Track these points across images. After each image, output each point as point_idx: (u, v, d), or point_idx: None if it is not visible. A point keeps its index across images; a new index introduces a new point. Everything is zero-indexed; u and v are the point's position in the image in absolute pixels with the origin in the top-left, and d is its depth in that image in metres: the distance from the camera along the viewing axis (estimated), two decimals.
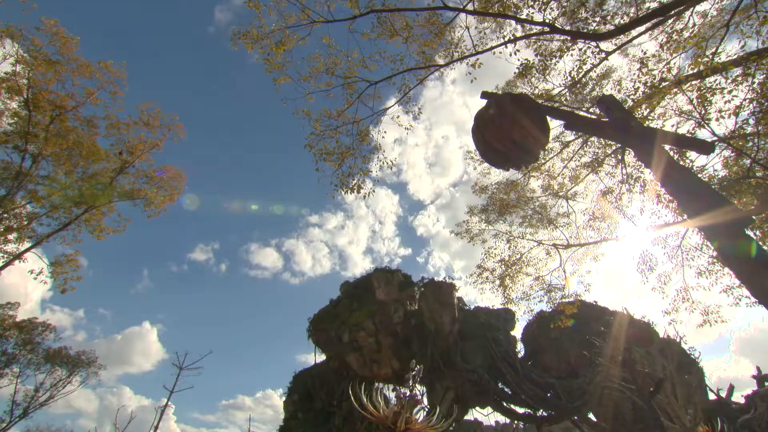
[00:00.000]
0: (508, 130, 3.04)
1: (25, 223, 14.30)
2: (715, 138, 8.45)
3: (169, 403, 27.86)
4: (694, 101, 8.32)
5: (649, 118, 9.41)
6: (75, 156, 14.15)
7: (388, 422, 8.01)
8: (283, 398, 35.14)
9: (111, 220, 16.24)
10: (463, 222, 14.05)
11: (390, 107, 7.95)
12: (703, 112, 8.25)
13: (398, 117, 8.35)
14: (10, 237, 13.93)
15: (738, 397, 22.52)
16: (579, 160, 12.90)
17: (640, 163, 11.83)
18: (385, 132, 8.22)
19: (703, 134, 13.31)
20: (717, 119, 8.04)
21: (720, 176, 9.33)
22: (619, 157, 11.79)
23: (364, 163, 7.54)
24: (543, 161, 13.48)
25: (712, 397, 24.37)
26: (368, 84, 8.01)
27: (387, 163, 7.62)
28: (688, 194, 2.96)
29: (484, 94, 3.80)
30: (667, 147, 3.76)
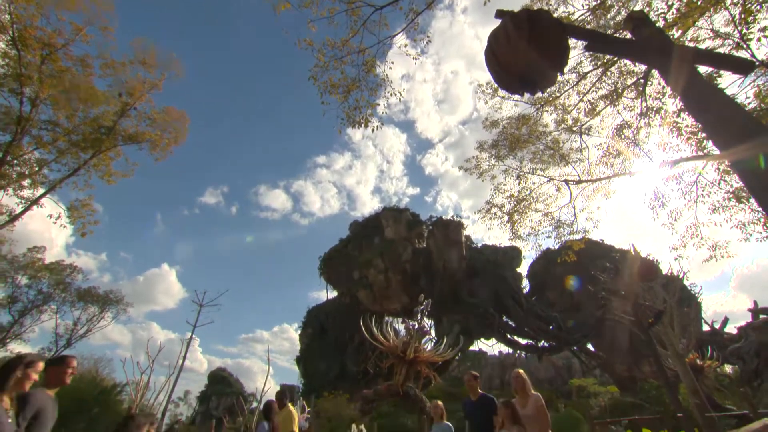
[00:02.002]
0: (525, 49, 2.76)
1: (36, 169, 14.43)
2: (755, 61, 7.74)
3: (193, 336, 30.16)
4: (736, 18, 7.49)
5: (681, 41, 8.60)
6: (73, 99, 13.79)
7: (397, 351, 8.52)
8: (299, 332, 37.85)
9: (119, 164, 16.31)
10: (473, 158, 13.68)
11: (396, 34, 7.34)
12: (744, 30, 7.46)
13: (405, 46, 7.75)
14: (25, 183, 14.15)
15: (732, 330, 23.53)
16: (596, 93, 12.14)
17: (662, 93, 11.12)
18: (392, 63, 7.70)
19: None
20: (759, 39, 7.28)
21: (750, 107, 8.73)
22: (640, 89, 11.05)
23: (371, 96, 7.16)
24: (558, 94, 12.74)
25: (706, 329, 25.48)
26: (373, 9, 7.33)
27: (394, 94, 7.22)
28: (721, 121, 2.70)
29: (499, 13, 3.42)
30: (700, 69, 3.42)
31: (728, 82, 9.71)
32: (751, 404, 7.37)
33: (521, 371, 5.01)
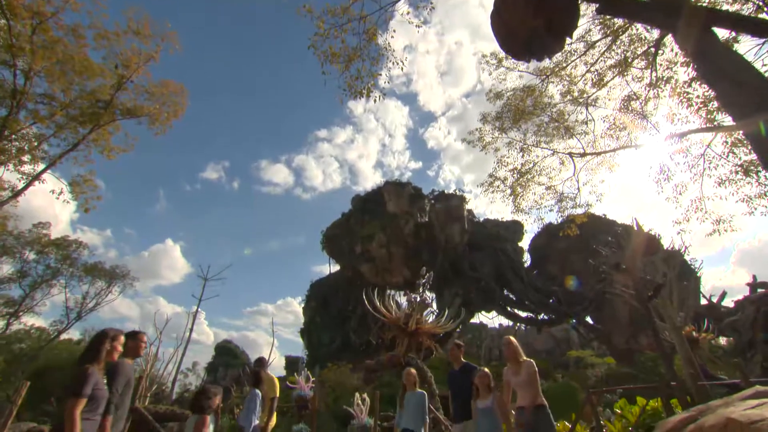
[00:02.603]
0: (532, 12, 2.62)
1: (35, 144, 14.30)
2: None
3: (199, 309, 30.92)
4: None
5: (699, 3, 8.21)
6: (68, 71, 13.46)
7: (399, 323, 8.69)
8: (302, 305, 38.60)
9: (118, 138, 16.10)
10: (476, 130, 13.42)
11: (399, 0, 7.02)
12: None
13: (408, 14, 7.44)
14: (25, 159, 14.06)
15: (729, 303, 23.83)
16: (604, 62, 11.76)
17: (674, 62, 10.76)
18: (394, 31, 7.42)
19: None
20: None
21: None
22: (651, 58, 10.68)
23: (372, 66, 6.94)
24: (564, 64, 12.36)
25: (704, 302, 25.84)
26: None
27: (396, 63, 7.00)
28: (737, 88, 2.56)
29: None
30: (719, 34, 3.24)
31: (745, 48, 9.35)
32: (744, 374, 7.53)
33: (512, 338, 4.92)
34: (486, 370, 4.69)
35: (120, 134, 16.06)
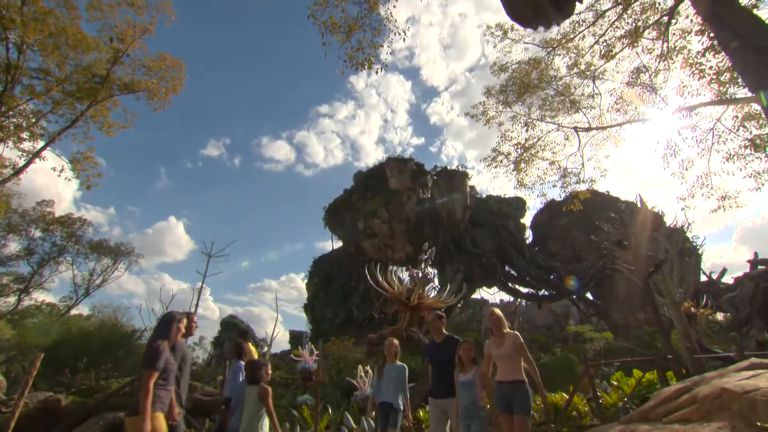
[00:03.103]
0: None
1: (33, 120, 14.14)
2: None
3: (204, 285, 31.43)
4: None
5: None
6: (62, 45, 13.14)
7: (402, 297, 8.79)
8: (305, 281, 39.17)
9: (117, 115, 15.88)
10: (480, 103, 13.15)
11: None
12: None
13: None
14: (24, 136, 13.95)
15: (729, 280, 23.97)
16: (614, 33, 11.35)
17: (687, 31, 10.37)
18: (396, 0, 7.12)
19: None
20: None
21: None
22: (663, 28, 10.28)
23: (374, 37, 6.71)
24: (572, 35, 11.96)
25: (704, 279, 26.00)
26: None
27: (399, 33, 6.77)
28: (757, 55, 2.43)
29: None
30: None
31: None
32: (739, 347, 7.65)
33: (496, 309, 4.61)
34: (471, 341, 4.37)
35: (118, 110, 15.86)
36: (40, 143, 14.34)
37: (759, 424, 2.79)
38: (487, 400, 4.26)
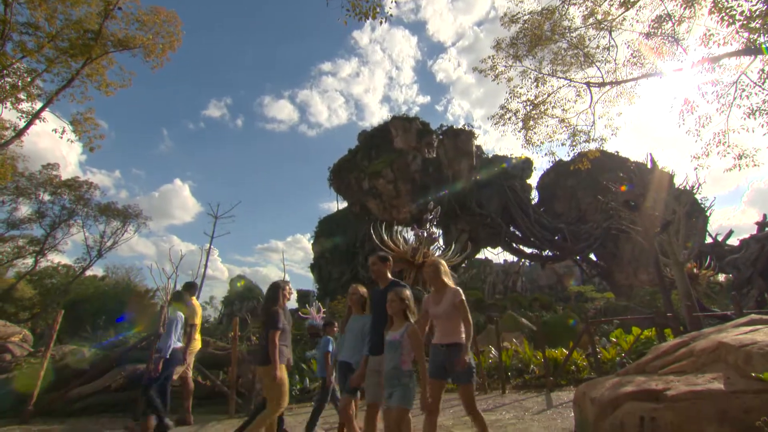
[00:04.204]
0: None
1: (29, 80, 13.86)
2: None
3: (212, 247, 32.04)
4: None
5: None
6: None
7: (407, 256, 8.86)
8: (311, 241, 39.79)
9: (114, 74, 15.55)
10: (489, 57, 12.53)
11: None
12: None
13: None
14: (21, 96, 13.74)
15: (735, 243, 23.83)
16: None
17: None
18: None
19: None
20: None
21: None
22: None
23: None
24: None
25: (709, 241, 25.90)
26: None
27: None
28: None
29: None
30: None
31: None
32: (738, 306, 7.75)
33: (438, 260, 3.85)
34: (406, 291, 3.41)
35: (115, 68, 15.50)
36: (39, 104, 14.16)
37: (753, 375, 2.85)
38: (419, 368, 3.36)
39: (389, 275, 3.97)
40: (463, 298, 3.53)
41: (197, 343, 6.28)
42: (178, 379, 6.03)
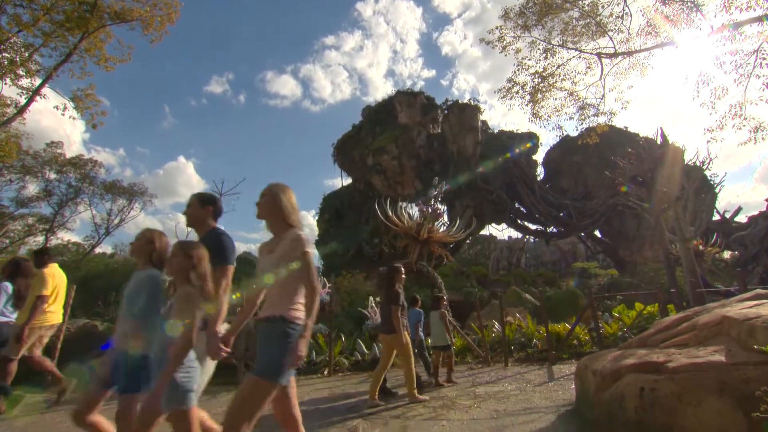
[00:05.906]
0: None
1: (26, 55, 13.67)
2: None
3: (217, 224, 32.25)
4: None
5: None
6: None
7: (412, 232, 8.89)
8: (316, 218, 39.88)
9: (113, 48, 15.25)
10: (496, 28, 12.05)
11: None
12: None
13: None
14: (20, 72, 13.60)
15: (744, 220, 23.56)
16: None
17: None
18: None
19: None
20: None
21: None
22: None
23: None
24: None
25: (717, 218, 25.63)
26: None
27: None
28: None
29: None
30: None
31: None
32: (743, 282, 7.73)
33: (282, 186, 2.52)
34: (184, 242, 2.54)
35: (113, 42, 15.19)
36: (38, 80, 14.02)
37: (756, 347, 2.87)
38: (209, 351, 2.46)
39: (211, 222, 2.89)
40: (303, 241, 2.27)
41: (50, 316, 5.27)
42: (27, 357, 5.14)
